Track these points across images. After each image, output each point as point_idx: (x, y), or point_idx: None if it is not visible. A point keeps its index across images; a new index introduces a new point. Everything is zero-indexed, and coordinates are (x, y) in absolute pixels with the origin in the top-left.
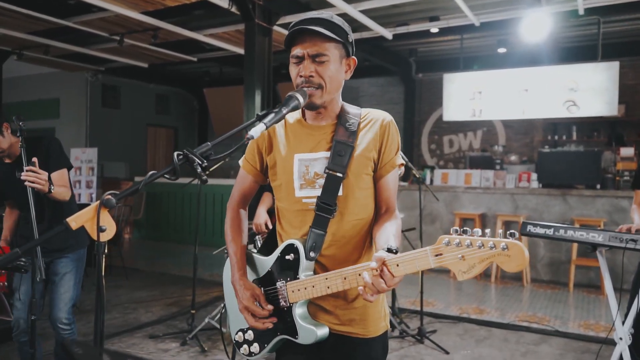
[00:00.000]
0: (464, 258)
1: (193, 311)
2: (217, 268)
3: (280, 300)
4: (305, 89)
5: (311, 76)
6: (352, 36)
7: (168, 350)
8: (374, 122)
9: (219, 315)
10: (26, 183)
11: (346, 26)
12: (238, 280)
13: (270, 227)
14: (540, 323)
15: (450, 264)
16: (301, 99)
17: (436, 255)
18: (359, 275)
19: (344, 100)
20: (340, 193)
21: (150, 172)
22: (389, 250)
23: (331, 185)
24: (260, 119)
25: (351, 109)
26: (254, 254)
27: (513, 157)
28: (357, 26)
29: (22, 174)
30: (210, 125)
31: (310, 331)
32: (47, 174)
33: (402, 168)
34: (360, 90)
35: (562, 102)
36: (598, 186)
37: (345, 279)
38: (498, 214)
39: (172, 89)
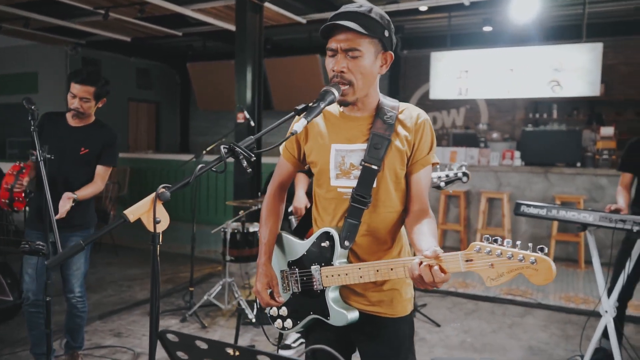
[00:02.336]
0: (493, 266)
1: (191, 288)
2: (209, 245)
3: (314, 283)
4: (338, 84)
5: (342, 72)
6: (391, 30)
7: (168, 327)
8: (410, 117)
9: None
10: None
11: (385, 20)
12: (262, 265)
13: None
14: (523, 296)
15: (480, 270)
16: (336, 93)
17: (467, 261)
18: (391, 269)
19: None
20: (374, 185)
21: (200, 166)
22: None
23: (366, 177)
24: (298, 113)
25: (389, 101)
26: (290, 237)
27: (495, 135)
28: (347, 3)
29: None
30: (193, 100)
31: (342, 314)
32: (69, 203)
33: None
34: None
35: (547, 82)
36: (578, 164)
37: (377, 271)
38: (482, 190)
39: (154, 63)
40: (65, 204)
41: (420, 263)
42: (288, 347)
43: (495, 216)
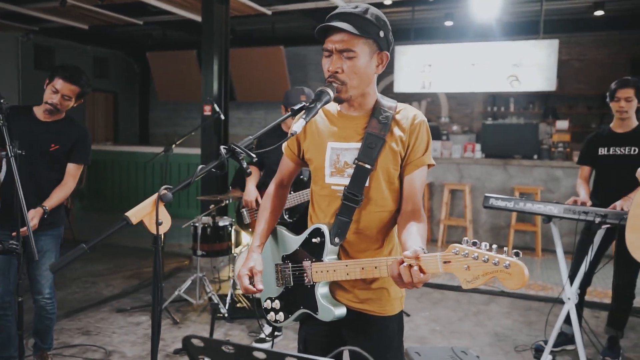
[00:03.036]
0: (469, 268)
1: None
2: (173, 239)
3: (305, 277)
4: (333, 83)
5: (337, 72)
6: (387, 31)
7: (140, 323)
8: (406, 118)
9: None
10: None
11: (381, 21)
12: (252, 250)
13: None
14: (486, 284)
15: (456, 272)
16: (332, 94)
17: (445, 262)
18: (375, 267)
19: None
20: (366, 184)
21: (201, 166)
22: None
23: (359, 175)
24: (294, 113)
25: (386, 101)
26: (285, 232)
27: (455, 127)
28: None
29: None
30: (153, 90)
31: (329, 310)
32: (38, 216)
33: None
34: (308, 58)
35: (506, 76)
36: (535, 156)
37: (362, 269)
38: (445, 182)
39: (111, 51)
40: (35, 216)
41: (401, 262)
42: (263, 340)
43: (457, 207)
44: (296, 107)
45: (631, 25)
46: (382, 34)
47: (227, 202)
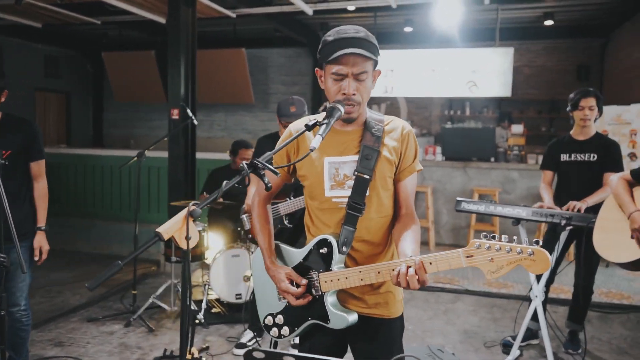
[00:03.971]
0: (492, 260)
1: (134, 291)
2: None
3: (312, 289)
4: (347, 105)
5: (354, 94)
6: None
7: (113, 332)
8: (395, 129)
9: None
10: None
11: (376, 41)
12: (271, 267)
13: None
14: (451, 284)
15: (480, 265)
16: (342, 110)
17: (468, 257)
18: (392, 270)
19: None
20: (367, 193)
21: (225, 182)
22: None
23: (360, 186)
24: (309, 129)
25: (375, 115)
26: (286, 247)
27: (414, 131)
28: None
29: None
30: (107, 91)
31: (342, 318)
32: (45, 241)
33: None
34: (269, 60)
35: (465, 82)
36: (492, 159)
37: (379, 272)
38: None
39: (63, 50)
40: (43, 244)
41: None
42: (243, 345)
43: (419, 208)
44: (310, 124)
45: (578, 34)
46: (378, 53)
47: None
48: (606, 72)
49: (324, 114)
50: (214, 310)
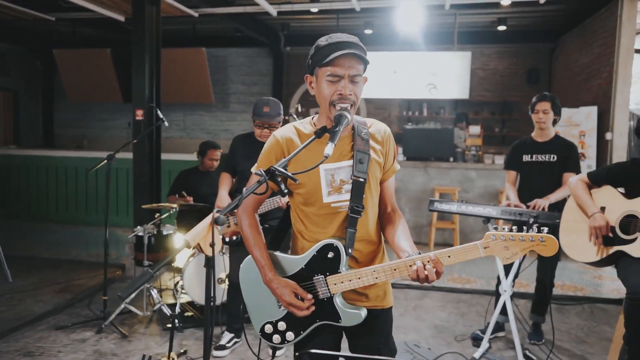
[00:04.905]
0: (508, 248)
1: (105, 297)
2: (99, 248)
3: (319, 292)
4: (342, 105)
5: (350, 94)
6: None
7: (85, 340)
8: (378, 132)
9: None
10: None
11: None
12: (273, 280)
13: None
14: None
15: (496, 253)
16: (349, 117)
17: (485, 248)
18: (410, 266)
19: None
20: (364, 195)
21: (245, 189)
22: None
23: (358, 189)
24: (319, 135)
25: (358, 118)
26: (283, 255)
27: None
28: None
29: None
30: (58, 89)
31: (356, 315)
32: None
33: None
34: (228, 59)
35: (425, 84)
36: (451, 159)
37: (395, 270)
38: None
39: (10, 46)
40: None
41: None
42: (223, 347)
43: None
44: (319, 130)
45: (528, 39)
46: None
47: (174, 210)
48: (555, 75)
49: (309, 118)
50: (187, 313)
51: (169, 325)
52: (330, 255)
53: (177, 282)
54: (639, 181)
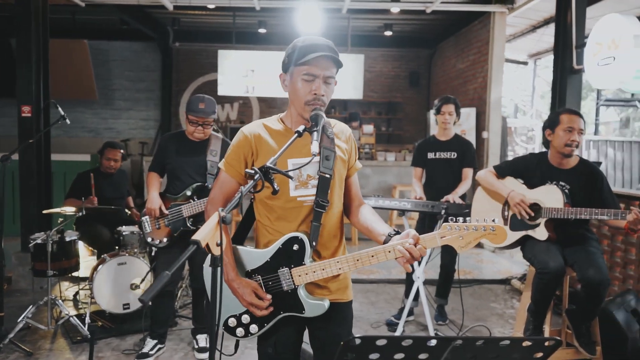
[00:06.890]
0: (463, 238)
1: (1, 313)
2: None
3: (283, 284)
4: (316, 105)
5: (323, 95)
6: None
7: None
8: (342, 131)
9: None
10: None
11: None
12: (235, 280)
13: (165, 211)
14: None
15: (452, 242)
16: (324, 116)
17: (442, 237)
18: (389, 252)
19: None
20: (329, 191)
21: (241, 187)
22: (397, 232)
23: (323, 185)
24: (300, 135)
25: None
26: (247, 249)
27: None
28: None
29: None
30: None
31: (319, 305)
32: None
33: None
34: (111, 54)
35: None
36: None
37: (357, 260)
38: None
39: None
40: None
41: (416, 244)
42: (146, 355)
43: None
44: (301, 130)
45: (411, 44)
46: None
47: (81, 213)
48: (433, 79)
49: (276, 115)
50: (97, 323)
51: (80, 338)
52: (295, 247)
53: (77, 292)
54: (535, 173)
